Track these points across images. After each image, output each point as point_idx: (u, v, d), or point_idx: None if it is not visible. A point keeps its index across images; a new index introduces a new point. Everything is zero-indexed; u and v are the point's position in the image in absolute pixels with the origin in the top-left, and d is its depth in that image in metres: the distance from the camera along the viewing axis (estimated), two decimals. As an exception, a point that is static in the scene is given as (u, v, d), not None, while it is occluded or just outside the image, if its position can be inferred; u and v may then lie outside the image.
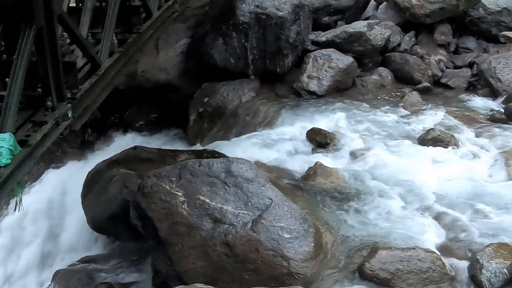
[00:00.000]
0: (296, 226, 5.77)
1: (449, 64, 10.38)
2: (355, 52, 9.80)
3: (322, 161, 7.22)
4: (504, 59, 10.01)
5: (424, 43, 10.58)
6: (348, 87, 9.52)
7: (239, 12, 9.46)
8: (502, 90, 9.58)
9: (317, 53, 9.55)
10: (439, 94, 9.73)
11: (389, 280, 5.46)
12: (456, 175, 7.20)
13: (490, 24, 10.81)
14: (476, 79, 10.08)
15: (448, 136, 7.93)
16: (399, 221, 6.34)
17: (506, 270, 5.57)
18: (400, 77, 9.94)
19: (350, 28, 9.99)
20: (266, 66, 9.51)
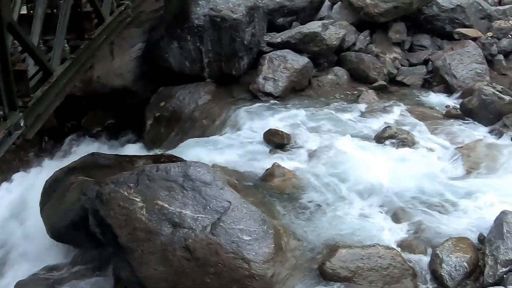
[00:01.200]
0: (256, 228, 5.78)
1: (404, 62, 10.48)
2: (311, 52, 9.85)
3: (280, 161, 7.24)
4: (459, 55, 10.16)
5: (379, 41, 10.66)
6: (304, 87, 9.57)
7: (194, 16, 9.44)
8: (457, 86, 9.71)
9: (272, 54, 9.59)
10: (395, 91, 9.83)
11: (350, 278, 5.50)
12: (413, 172, 7.26)
13: (444, 22, 10.94)
14: (431, 76, 10.20)
15: (405, 133, 8.01)
16: (358, 219, 6.40)
17: (466, 263, 5.66)
18: (356, 76, 10.03)
19: (305, 28, 10.03)
20: (221, 69, 9.50)
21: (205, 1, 9.50)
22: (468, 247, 5.84)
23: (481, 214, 6.48)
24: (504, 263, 5.49)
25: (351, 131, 8.24)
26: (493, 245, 5.65)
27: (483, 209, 6.59)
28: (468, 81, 9.74)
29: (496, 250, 5.59)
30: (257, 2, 9.85)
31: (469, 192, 6.91)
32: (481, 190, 6.93)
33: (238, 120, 8.46)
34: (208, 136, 8.35)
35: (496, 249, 5.60)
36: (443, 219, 6.44)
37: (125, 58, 10.04)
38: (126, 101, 10.02)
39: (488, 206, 6.59)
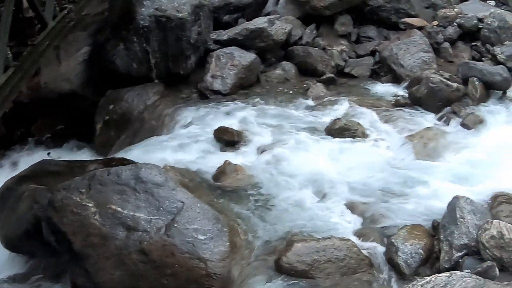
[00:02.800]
0: (210, 227, 5.78)
1: (351, 53, 10.52)
2: (258, 48, 9.82)
3: (231, 159, 7.24)
4: (405, 45, 10.23)
5: (326, 34, 10.69)
6: (252, 84, 9.53)
7: (139, 16, 9.35)
8: (405, 75, 9.78)
9: (219, 52, 9.53)
10: (343, 83, 9.84)
11: (307, 272, 5.52)
12: (365, 162, 7.33)
13: (390, 12, 11.01)
14: (379, 67, 10.26)
15: (355, 125, 8.06)
16: (312, 212, 6.43)
17: (422, 250, 5.73)
18: (304, 70, 10.00)
19: (251, 25, 9.98)
20: (169, 69, 9.41)
21: (150, 2, 9.41)
22: (423, 234, 5.91)
23: (433, 200, 6.57)
24: (459, 248, 5.57)
25: (301, 125, 8.25)
26: (447, 231, 5.72)
27: (435, 195, 6.68)
28: (415, 70, 9.81)
29: (450, 236, 5.66)
30: (202, 1, 9.79)
31: (421, 179, 6.99)
32: (432, 177, 7.04)
33: (187, 119, 8.41)
34: (158, 137, 8.28)
35: (450, 234, 5.67)
36: (396, 207, 6.52)
37: (71, 63, 9.92)
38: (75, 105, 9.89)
39: (440, 193, 6.69)
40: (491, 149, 7.67)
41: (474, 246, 5.55)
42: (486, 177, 7.05)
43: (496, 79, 9.14)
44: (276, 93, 9.34)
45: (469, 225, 5.65)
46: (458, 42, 11.15)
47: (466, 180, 7.00)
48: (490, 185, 6.83)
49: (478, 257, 5.49)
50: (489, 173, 7.15)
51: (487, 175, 7.09)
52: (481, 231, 5.50)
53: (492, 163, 7.35)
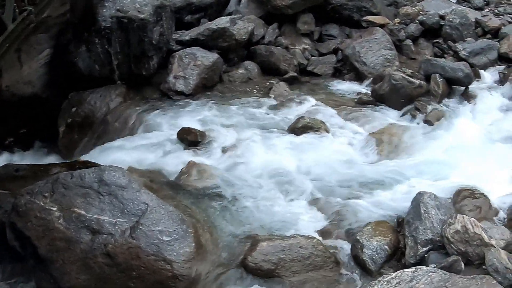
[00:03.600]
0: (175, 228, 5.73)
1: (314, 52, 10.58)
2: (220, 48, 9.81)
3: (195, 159, 7.21)
4: (368, 43, 10.31)
5: (288, 33, 10.73)
6: (215, 84, 9.51)
7: (100, 18, 9.26)
8: (368, 73, 9.85)
9: (182, 52, 9.49)
10: (306, 82, 9.89)
11: (273, 271, 5.52)
12: (329, 160, 7.35)
13: (352, 10, 11.11)
14: (341, 65, 10.33)
15: (318, 123, 8.07)
16: (277, 210, 6.43)
17: (387, 246, 5.75)
18: (267, 69, 10.03)
19: (213, 24, 9.97)
20: (131, 70, 9.34)
21: (111, 3, 9.33)
22: (388, 230, 5.94)
23: (397, 196, 6.64)
24: (424, 243, 5.61)
25: (264, 124, 8.29)
26: (411, 226, 5.76)
27: (399, 191, 6.76)
28: (378, 67, 9.89)
29: (415, 231, 5.69)
30: (164, 1, 9.73)
31: (385, 176, 7.05)
32: (396, 173, 7.09)
33: (150, 121, 8.36)
34: (122, 139, 8.22)
35: (415, 230, 5.70)
36: (361, 204, 6.54)
37: (33, 65, 9.81)
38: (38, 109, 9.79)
39: (404, 189, 6.77)
40: (454, 145, 7.77)
41: (439, 241, 5.58)
42: (450, 172, 7.13)
43: (458, 75, 9.23)
44: (239, 92, 9.35)
45: (433, 220, 5.70)
46: (420, 39, 11.29)
47: (430, 176, 7.06)
48: (453, 180, 6.92)
49: (443, 252, 5.52)
50: (452, 168, 7.23)
51: (451, 171, 7.17)
52: (445, 226, 5.53)
53: (455, 158, 7.43)
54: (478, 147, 7.82)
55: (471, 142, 7.89)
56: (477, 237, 5.40)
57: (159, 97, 9.15)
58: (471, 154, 7.55)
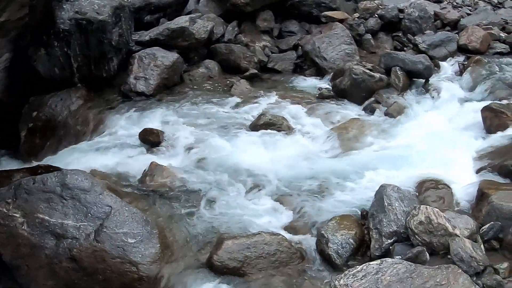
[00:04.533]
0: (139, 230, 5.70)
1: (274, 49, 10.62)
2: (180, 47, 9.78)
3: (157, 160, 7.16)
4: (327, 38, 10.38)
5: (248, 31, 10.75)
6: (176, 83, 9.48)
7: (59, 20, 9.18)
8: (328, 68, 9.91)
9: (141, 53, 9.45)
10: (267, 79, 9.94)
11: (239, 269, 5.51)
12: (291, 156, 7.38)
13: (311, 6, 11.17)
14: (302, 61, 10.38)
15: (280, 119, 8.11)
16: (241, 208, 6.43)
17: (352, 240, 5.75)
18: (227, 67, 10.05)
19: (172, 24, 9.94)
20: (92, 72, 9.26)
21: (69, 5, 9.24)
22: (352, 223, 5.95)
23: (361, 190, 6.67)
24: (388, 235, 5.62)
25: (226, 122, 8.28)
26: (376, 219, 5.77)
27: (362, 185, 6.79)
28: (338, 62, 9.96)
29: (379, 224, 5.71)
30: (122, 2, 9.67)
31: (348, 170, 7.08)
32: (359, 166, 7.13)
33: (112, 122, 8.32)
34: (84, 141, 8.17)
35: (379, 222, 5.72)
36: (325, 199, 6.58)
37: (-7, 70, 9.72)
38: (-1, 114, 9.71)
39: (368, 182, 6.80)
40: (415, 136, 7.83)
41: (403, 233, 5.60)
42: (412, 164, 7.18)
43: (418, 67, 9.33)
44: (201, 91, 9.32)
45: (397, 212, 5.71)
46: (380, 33, 11.39)
47: (393, 168, 7.10)
48: (416, 171, 6.96)
49: (408, 243, 5.54)
50: (414, 160, 7.28)
51: (413, 162, 7.22)
52: (409, 218, 5.56)
53: (417, 150, 7.49)
54: (439, 138, 7.87)
55: (433, 133, 7.95)
56: (441, 227, 5.43)
57: (120, 98, 9.08)
58: (433, 145, 7.60)
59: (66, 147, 8.21)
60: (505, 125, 7.92)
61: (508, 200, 5.76)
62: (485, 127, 8.09)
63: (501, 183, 6.61)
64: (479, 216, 5.92)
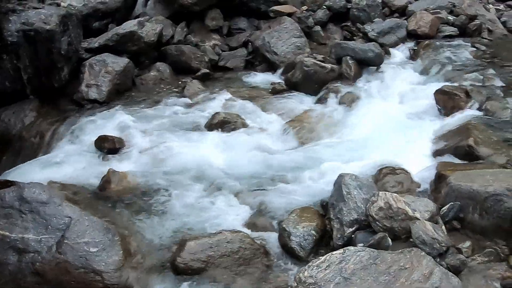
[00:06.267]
0: (101, 238, 5.64)
1: (224, 47, 10.65)
2: (130, 52, 9.76)
3: (115, 167, 7.09)
4: (277, 32, 10.43)
5: (197, 31, 10.76)
6: (128, 88, 9.46)
7: (7, 33, 9.03)
8: (279, 62, 9.96)
9: (92, 60, 9.39)
10: (219, 77, 9.95)
11: (203, 269, 5.48)
12: (249, 152, 7.40)
13: (259, 2, 11.21)
14: (253, 57, 10.43)
15: (234, 117, 8.12)
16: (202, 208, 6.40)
17: (314, 231, 5.75)
18: (179, 69, 10.04)
19: (121, 29, 9.90)
20: (43, 83, 9.14)
21: (16, 16, 9.11)
22: (313, 215, 5.95)
23: (320, 181, 6.69)
24: (349, 224, 5.61)
25: (181, 123, 8.27)
26: (336, 209, 5.77)
27: (321, 176, 6.79)
28: (289, 56, 10.02)
29: (340, 213, 5.71)
30: (69, 10, 9.61)
31: (305, 162, 7.13)
32: (316, 158, 7.18)
33: (67, 132, 8.23)
34: (40, 154, 8.09)
35: (339, 212, 5.72)
36: (284, 193, 6.57)
37: None
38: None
39: (326, 172, 6.80)
40: (370, 124, 7.91)
41: (364, 220, 5.60)
42: (369, 151, 7.25)
43: (368, 55, 9.43)
44: (153, 94, 9.32)
45: (356, 200, 5.72)
46: (329, 24, 11.50)
47: (350, 157, 7.16)
48: (373, 159, 7.00)
49: (369, 230, 5.54)
50: (371, 147, 7.35)
51: (370, 150, 7.29)
52: (369, 205, 5.58)
53: (372, 138, 7.57)
54: (395, 124, 7.96)
55: (387, 120, 8.03)
56: (401, 212, 5.46)
57: (74, 107, 9.01)
58: (388, 132, 7.69)
59: (22, 161, 8.11)
60: (459, 106, 8.03)
61: (466, 180, 5.79)
62: (439, 110, 8.19)
63: (458, 163, 6.70)
64: (438, 198, 5.98)
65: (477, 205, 5.56)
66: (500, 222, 5.44)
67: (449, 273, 4.81)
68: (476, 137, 6.97)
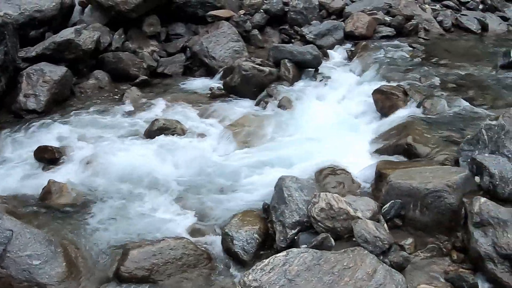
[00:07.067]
0: (43, 250, 5.58)
1: (163, 53, 10.61)
2: (68, 60, 9.62)
3: (55, 177, 7.00)
4: (215, 37, 10.45)
5: (135, 37, 10.69)
6: (67, 97, 9.32)
7: None
8: (218, 66, 9.98)
9: (29, 69, 9.21)
10: (158, 84, 9.92)
11: (148, 277, 5.45)
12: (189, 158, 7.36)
13: (196, 7, 11.19)
14: (191, 62, 10.42)
15: (173, 123, 8.08)
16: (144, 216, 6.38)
17: (257, 234, 5.78)
18: (117, 76, 9.97)
19: (58, 37, 9.75)
20: (-20, 94, 9.06)
21: (-52, 27, 9.01)
22: (255, 218, 5.98)
23: (261, 184, 6.72)
24: (292, 226, 5.64)
25: (121, 131, 8.22)
26: (278, 211, 5.80)
27: (261, 179, 6.86)
28: (227, 60, 10.04)
29: (282, 215, 5.74)
30: (5, 19, 9.44)
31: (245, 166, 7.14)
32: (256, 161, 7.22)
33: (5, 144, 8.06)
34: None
35: (281, 214, 5.75)
36: (225, 197, 6.62)
37: None
38: None
39: (266, 175, 6.87)
40: (309, 126, 8.00)
41: (306, 222, 5.64)
42: (309, 153, 7.30)
43: (306, 58, 9.50)
44: (92, 103, 9.22)
45: (298, 202, 5.75)
46: (266, 28, 11.56)
47: (291, 160, 7.21)
48: (314, 160, 7.07)
49: (312, 231, 5.57)
50: (311, 149, 7.40)
51: (310, 151, 7.34)
52: (310, 206, 5.61)
53: (312, 139, 7.64)
54: (334, 125, 8.06)
55: (326, 121, 8.12)
56: (342, 212, 5.51)
57: (12, 118, 8.83)
58: (328, 133, 7.77)
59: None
60: (397, 105, 8.15)
61: (405, 178, 5.89)
62: (378, 109, 8.31)
63: (397, 162, 6.82)
64: (379, 197, 6.06)
65: (417, 202, 5.67)
66: (441, 218, 5.57)
67: (392, 270, 4.90)
68: (414, 135, 7.10)
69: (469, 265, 5.30)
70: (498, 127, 6.20)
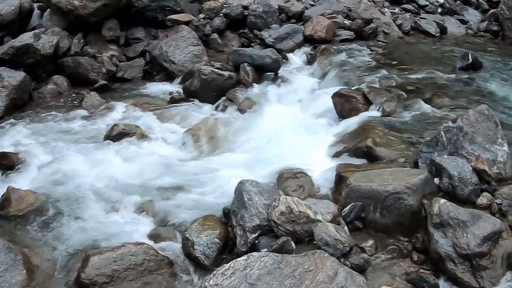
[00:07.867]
0: (3, 258, 5.51)
1: (122, 57, 10.54)
2: (27, 65, 9.54)
3: (14, 184, 6.90)
4: (174, 41, 10.43)
5: (94, 42, 10.62)
6: (26, 103, 9.23)
7: None
8: (177, 71, 9.98)
9: (-13, 75, 9.15)
10: (117, 88, 9.86)
11: (109, 283, 5.42)
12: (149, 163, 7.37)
13: (155, 11, 11.16)
14: (150, 66, 10.40)
15: (133, 128, 8.06)
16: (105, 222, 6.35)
17: (217, 239, 5.78)
18: (77, 81, 9.90)
19: (16, 42, 9.66)
20: None
21: None
22: (215, 223, 5.98)
23: (221, 189, 6.75)
24: (252, 230, 5.66)
25: (80, 136, 8.17)
26: (238, 215, 5.82)
27: (221, 183, 6.87)
28: (187, 64, 10.03)
29: (242, 220, 5.75)
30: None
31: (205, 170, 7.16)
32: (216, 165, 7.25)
33: (-38, 151, 8.01)
34: None
35: (241, 218, 5.76)
36: (185, 202, 6.61)
37: None
38: None
39: (226, 180, 6.88)
40: (270, 130, 8.00)
41: (267, 225, 5.65)
42: (269, 157, 7.34)
43: (266, 61, 9.55)
44: (51, 108, 9.15)
45: (258, 206, 5.76)
46: (226, 32, 11.58)
47: (251, 163, 7.26)
48: (274, 164, 7.11)
49: (272, 235, 5.60)
50: (271, 152, 7.44)
51: (270, 155, 7.38)
52: (270, 210, 5.62)
53: (272, 143, 7.67)
54: (294, 128, 8.08)
55: (286, 125, 8.13)
56: (302, 215, 5.53)
57: (-31, 125, 8.77)
58: (288, 136, 7.80)
59: None
60: (356, 109, 8.23)
61: (365, 180, 5.94)
62: (337, 113, 8.36)
63: (357, 164, 6.87)
64: (339, 199, 6.10)
65: (377, 204, 5.72)
66: (401, 219, 5.64)
67: (353, 272, 4.92)
68: (374, 138, 7.16)
69: (430, 266, 5.38)
70: (457, 129, 6.28)
